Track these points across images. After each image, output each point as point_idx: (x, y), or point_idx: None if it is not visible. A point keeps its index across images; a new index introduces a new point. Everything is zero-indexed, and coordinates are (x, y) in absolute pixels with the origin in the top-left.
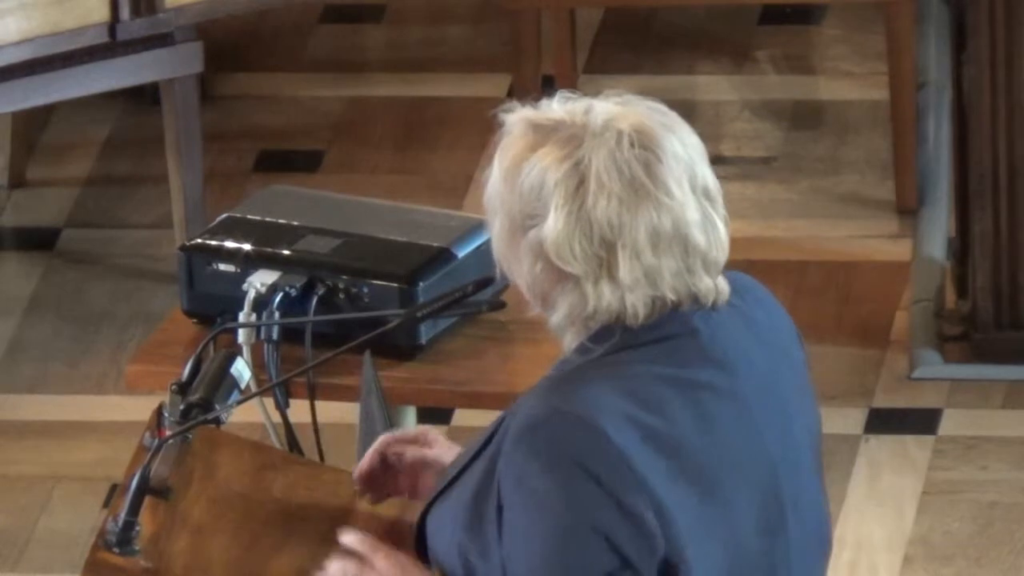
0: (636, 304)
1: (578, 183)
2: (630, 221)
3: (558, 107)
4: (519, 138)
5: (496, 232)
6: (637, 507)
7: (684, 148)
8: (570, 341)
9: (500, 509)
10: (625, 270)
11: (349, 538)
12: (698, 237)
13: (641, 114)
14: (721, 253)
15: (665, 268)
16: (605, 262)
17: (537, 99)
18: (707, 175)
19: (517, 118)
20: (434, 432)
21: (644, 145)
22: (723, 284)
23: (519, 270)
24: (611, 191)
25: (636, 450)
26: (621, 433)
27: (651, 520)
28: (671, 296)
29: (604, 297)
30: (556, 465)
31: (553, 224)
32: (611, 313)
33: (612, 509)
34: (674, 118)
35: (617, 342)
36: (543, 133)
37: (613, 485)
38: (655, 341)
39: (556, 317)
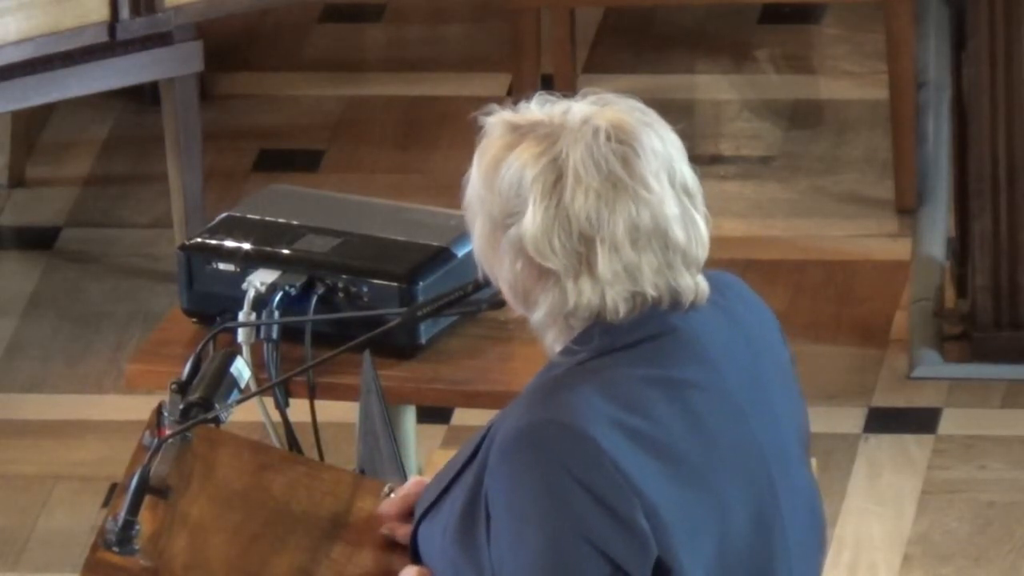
0: (616, 300)
1: (556, 178)
2: (608, 215)
3: (536, 108)
4: (497, 139)
5: (477, 234)
6: (628, 512)
7: (663, 143)
8: (552, 341)
9: (489, 520)
10: (604, 265)
11: None
12: (677, 232)
13: (619, 111)
14: (701, 250)
15: (645, 263)
16: (584, 257)
17: (517, 102)
18: (686, 171)
19: (496, 120)
20: None
21: (621, 139)
22: (703, 283)
23: (500, 270)
24: (588, 185)
25: (625, 454)
26: (609, 438)
27: (643, 524)
28: (651, 292)
29: (584, 293)
30: (544, 475)
31: (531, 219)
32: (591, 309)
33: (603, 516)
34: (653, 116)
35: (598, 346)
36: (520, 133)
37: (603, 492)
38: (636, 343)
39: (537, 316)
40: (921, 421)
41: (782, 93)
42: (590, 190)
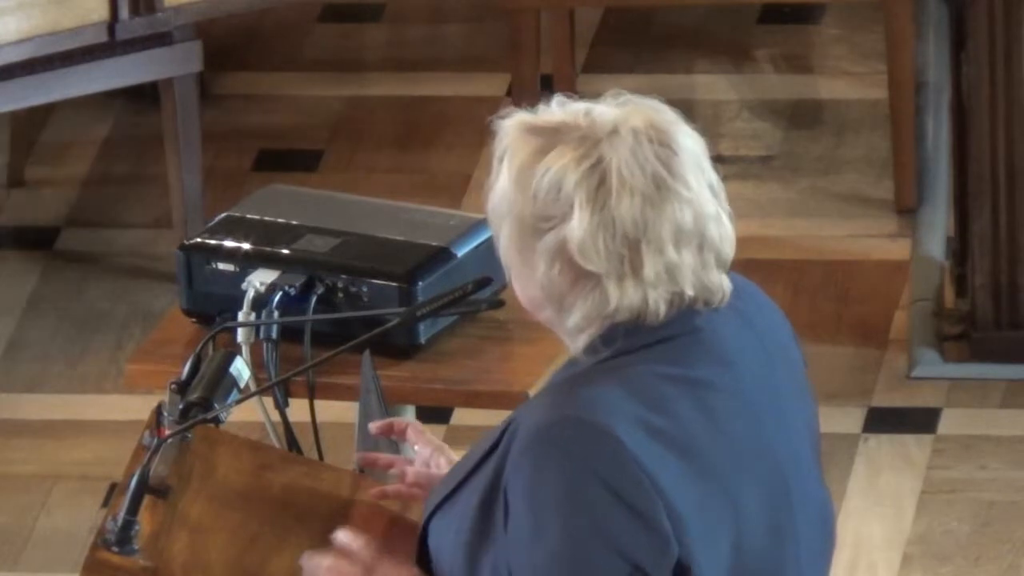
0: (658, 301)
1: (599, 182)
2: (655, 217)
3: (557, 110)
4: (524, 143)
5: (505, 238)
6: (651, 512)
7: (693, 142)
8: (582, 343)
9: (507, 514)
10: (649, 267)
11: (352, 541)
12: (713, 231)
13: (647, 112)
14: (730, 248)
15: (685, 263)
16: (627, 259)
17: (533, 103)
18: (711, 170)
19: (514, 123)
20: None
21: (662, 141)
22: (727, 283)
23: (530, 274)
24: (634, 188)
25: (647, 453)
26: (631, 436)
27: (664, 524)
28: (689, 292)
29: (627, 295)
30: (567, 472)
31: (578, 224)
32: (633, 311)
33: (625, 516)
34: (675, 115)
35: (622, 345)
36: (548, 136)
37: (626, 490)
38: (658, 342)
39: (573, 319)
40: (921, 421)
41: (782, 93)
42: (636, 193)
